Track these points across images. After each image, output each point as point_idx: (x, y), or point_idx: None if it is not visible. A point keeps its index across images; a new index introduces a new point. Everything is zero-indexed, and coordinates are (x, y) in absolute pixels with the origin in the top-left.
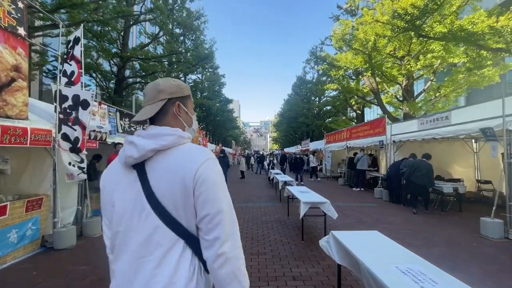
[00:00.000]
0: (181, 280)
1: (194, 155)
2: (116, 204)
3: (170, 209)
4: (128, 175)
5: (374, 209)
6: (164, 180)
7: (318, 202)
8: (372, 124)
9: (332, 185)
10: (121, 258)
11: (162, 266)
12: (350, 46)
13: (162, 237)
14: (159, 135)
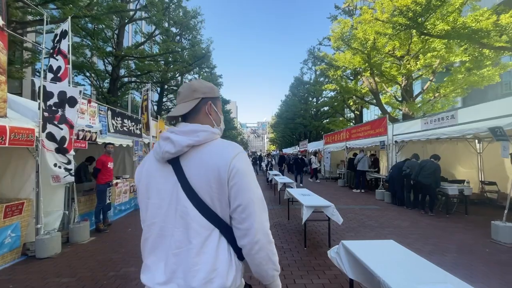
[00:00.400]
0: (222, 266)
1: (227, 148)
2: (151, 197)
3: (206, 199)
4: (163, 169)
5: (377, 211)
6: (200, 172)
7: (322, 206)
8: (373, 124)
9: (331, 187)
10: (160, 246)
11: (202, 254)
12: (349, 45)
13: (200, 226)
14: (192, 132)
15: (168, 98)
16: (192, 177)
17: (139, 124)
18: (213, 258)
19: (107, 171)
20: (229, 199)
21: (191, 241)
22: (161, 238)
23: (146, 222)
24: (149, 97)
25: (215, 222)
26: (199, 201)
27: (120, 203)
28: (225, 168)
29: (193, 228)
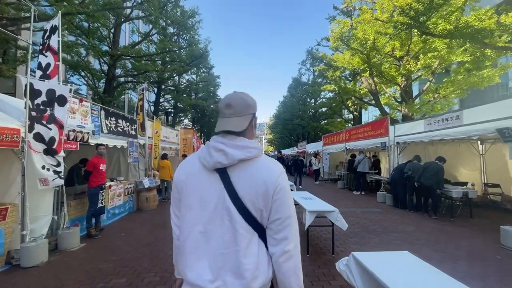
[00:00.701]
0: (263, 266)
1: (273, 167)
2: (196, 200)
3: (250, 208)
4: (209, 176)
5: (379, 215)
6: (249, 184)
7: (326, 210)
8: (373, 125)
9: (331, 189)
10: (205, 247)
11: (247, 255)
12: (348, 45)
13: (245, 231)
14: (246, 147)
15: (165, 99)
16: (240, 187)
17: (134, 124)
18: (256, 258)
19: (99, 173)
20: (270, 211)
21: (238, 244)
22: (204, 239)
23: (188, 222)
24: (144, 96)
25: (255, 227)
26: (244, 209)
27: (114, 207)
28: (273, 185)
29: (239, 232)
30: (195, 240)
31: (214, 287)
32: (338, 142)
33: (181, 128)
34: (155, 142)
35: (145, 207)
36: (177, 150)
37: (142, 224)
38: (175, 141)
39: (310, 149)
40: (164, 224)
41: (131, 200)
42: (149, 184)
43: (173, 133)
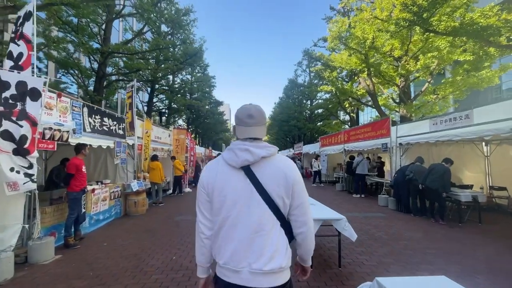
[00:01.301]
0: (282, 248)
1: (290, 164)
2: (227, 195)
3: (274, 196)
4: (236, 173)
5: (383, 220)
6: (271, 177)
7: (332, 219)
8: (374, 125)
9: (330, 191)
10: (235, 233)
11: (270, 238)
12: (346, 45)
13: (269, 218)
14: (266, 147)
15: (159, 99)
16: (264, 180)
17: (122, 123)
18: (276, 241)
19: (82, 176)
20: (292, 198)
21: (263, 228)
22: (234, 227)
23: (221, 215)
24: (134, 94)
25: (277, 216)
26: (269, 199)
27: (98, 212)
28: (291, 177)
29: (265, 218)
30: (227, 230)
31: (241, 267)
32: (336, 144)
33: (173, 128)
34: (145, 143)
35: (133, 212)
36: (170, 151)
37: (128, 231)
38: (168, 142)
39: (306, 151)
40: (152, 231)
41: (118, 204)
42: (138, 187)
43: (166, 133)
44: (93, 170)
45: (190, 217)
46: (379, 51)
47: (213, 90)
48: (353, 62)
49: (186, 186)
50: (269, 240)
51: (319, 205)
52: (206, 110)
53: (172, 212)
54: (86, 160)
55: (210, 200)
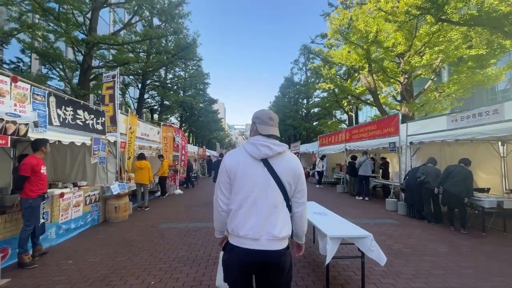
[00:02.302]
0: (288, 221)
1: (297, 160)
2: (248, 179)
3: (285, 183)
4: (257, 164)
5: (397, 228)
6: (284, 168)
7: (355, 236)
8: (380, 123)
9: (330, 193)
10: (254, 210)
11: (281, 214)
12: (347, 39)
13: (280, 200)
14: (281, 145)
15: (150, 95)
16: (280, 171)
17: (102, 117)
18: (285, 217)
19: (40, 178)
20: (296, 185)
21: (277, 206)
22: (254, 205)
23: (240, 195)
24: (116, 85)
25: (285, 198)
26: (282, 185)
27: (68, 221)
28: (298, 169)
29: (278, 200)
30: (248, 208)
31: (262, 234)
32: (336, 143)
33: (162, 125)
34: (129, 140)
35: (114, 218)
36: (159, 150)
37: (103, 243)
38: (157, 140)
39: (303, 150)
40: (131, 243)
41: (96, 210)
42: (119, 189)
43: (154, 130)
44: (70, 171)
45: (178, 225)
46: (382, 46)
47: (207, 88)
48: (353, 58)
49: (176, 187)
50: (281, 215)
51: (331, 215)
52: (200, 108)
53: (158, 219)
54: (61, 158)
55: (231, 182)
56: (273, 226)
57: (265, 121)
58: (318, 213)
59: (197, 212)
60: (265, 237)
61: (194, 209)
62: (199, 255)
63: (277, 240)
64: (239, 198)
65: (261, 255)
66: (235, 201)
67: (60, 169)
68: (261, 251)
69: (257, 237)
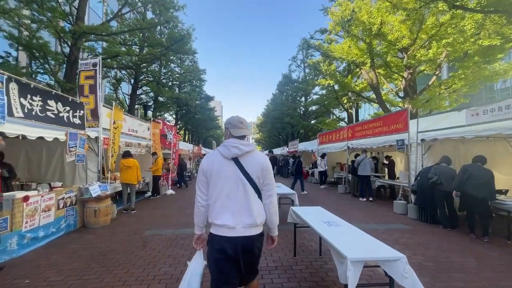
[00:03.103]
0: (261, 209)
1: (263, 155)
2: (221, 177)
3: (254, 178)
4: (228, 162)
5: (412, 235)
6: (252, 165)
7: (383, 259)
8: (386, 119)
9: (332, 194)
10: (230, 204)
11: (254, 205)
12: (349, 32)
13: (251, 191)
14: (249, 145)
15: (144, 91)
16: (248, 168)
17: (80, 110)
18: (258, 207)
19: None
20: (264, 179)
21: (249, 199)
22: (228, 200)
23: (215, 191)
24: (98, 74)
25: (256, 190)
26: (251, 179)
27: (35, 228)
28: (265, 165)
29: (249, 193)
30: (223, 201)
31: (237, 223)
32: (337, 141)
33: (152, 121)
34: (114, 136)
35: (93, 223)
36: (149, 147)
37: (73, 255)
38: (146, 136)
39: (302, 148)
40: (107, 255)
41: (72, 214)
42: (100, 191)
43: (144, 126)
44: (46, 170)
45: (164, 231)
46: (386, 39)
47: (203, 85)
48: (354, 53)
49: (168, 187)
50: (254, 205)
51: (348, 228)
52: (195, 104)
53: (143, 223)
54: (37, 156)
55: (207, 180)
56: (248, 215)
57: (236, 125)
58: (329, 223)
59: (188, 215)
60: (241, 225)
61: (185, 211)
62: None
63: (252, 227)
64: (215, 194)
65: (238, 242)
66: (212, 196)
67: (35, 168)
68: (237, 238)
69: (233, 226)
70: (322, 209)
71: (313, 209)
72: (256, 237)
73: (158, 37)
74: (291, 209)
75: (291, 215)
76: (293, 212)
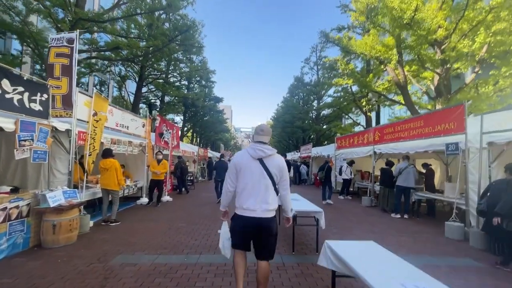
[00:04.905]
0: (275, 199)
1: (282, 159)
2: (247, 173)
3: (273, 175)
4: (254, 161)
5: (492, 281)
6: (273, 165)
7: None
8: (431, 117)
9: (356, 208)
10: (253, 193)
11: (271, 195)
12: (375, 22)
13: (271, 186)
14: (271, 149)
15: (149, 89)
16: (270, 167)
17: (43, 93)
18: (273, 197)
19: None
20: (281, 176)
21: (268, 191)
22: (252, 189)
23: (243, 182)
24: (74, 53)
25: (273, 184)
26: (271, 175)
27: None
28: (282, 165)
29: (270, 187)
30: (248, 190)
31: (257, 207)
32: (360, 145)
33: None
34: (94, 130)
35: (50, 242)
36: (143, 147)
37: None
38: (141, 134)
39: (315, 154)
40: None
41: (20, 230)
42: (63, 199)
43: (137, 122)
44: (5, 170)
45: (140, 259)
46: (420, 28)
47: (213, 86)
48: (378, 49)
49: (165, 193)
50: (271, 195)
51: (394, 260)
52: (202, 104)
53: (118, 243)
54: None
55: (237, 173)
56: (265, 202)
57: (257, 132)
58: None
59: (179, 233)
60: (259, 209)
61: (178, 226)
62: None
63: (267, 211)
64: (243, 184)
65: (257, 221)
66: (240, 186)
67: None
68: (257, 218)
69: (255, 209)
70: (379, 247)
71: (363, 245)
72: (269, 219)
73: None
74: (328, 246)
75: (327, 254)
76: (331, 251)
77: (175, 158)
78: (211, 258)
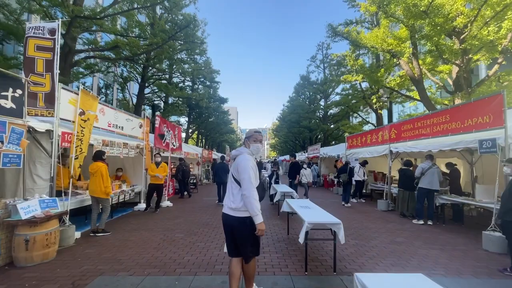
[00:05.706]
0: (241, 200)
1: (243, 157)
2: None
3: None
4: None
5: None
6: (234, 165)
7: None
8: (458, 110)
9: (373, 213)
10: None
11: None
12: (387, 12)
13: (235, 185)
14: (238, 150)
15: (152, 90)
16: (233, 166)
17: (17, 89)
18: (239, 196)
19: None
20: (238, 175)
21: (233, 192)
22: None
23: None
24: (57, 45)
25: (237, 184)
26: (233, 175)
27: None
28: (239, 164)
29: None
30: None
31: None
32: (374, 143)
33: (147, 118)
34: (81, 131)
35: (22, 259)
36: (141, 149)
37: None
38: (138, 135)
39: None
40: None
41: None
42: (39, 210)
43: (134, 122)
44: None
45: (122, 282)
46: (437, 15)
47: (217, 87)
48: (389, 42)
49: (165, 198)
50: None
51: None
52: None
53: (101, 259)
54: None
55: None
56: (232, 201)
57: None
58: None
59: (174, 246)
60: (226, 206)
61: (173, 237)
62: None
63: (230, 209)
64: None
65: (225, 217)
66: None
67: None
68: (225, 214)
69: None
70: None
71: (408, 281)
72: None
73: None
74: (360, 282)
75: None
76: (359, 282)
77: (176, 161)
78: (206, 282)
